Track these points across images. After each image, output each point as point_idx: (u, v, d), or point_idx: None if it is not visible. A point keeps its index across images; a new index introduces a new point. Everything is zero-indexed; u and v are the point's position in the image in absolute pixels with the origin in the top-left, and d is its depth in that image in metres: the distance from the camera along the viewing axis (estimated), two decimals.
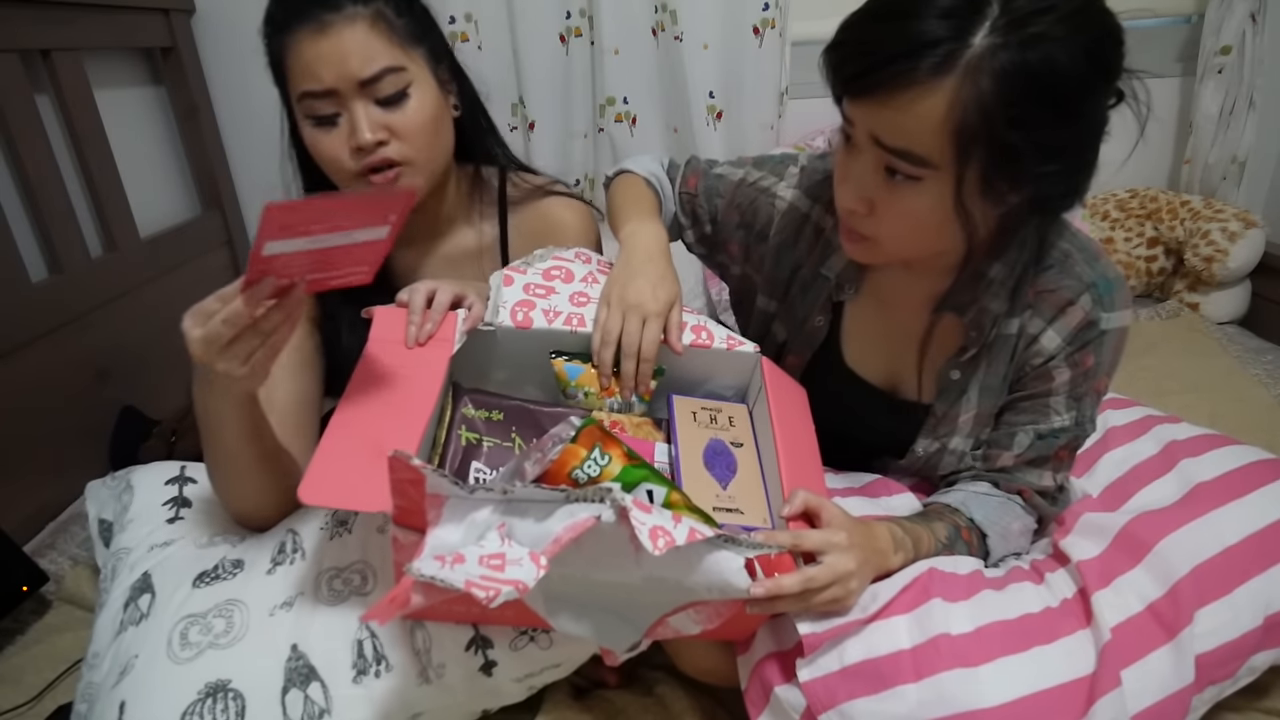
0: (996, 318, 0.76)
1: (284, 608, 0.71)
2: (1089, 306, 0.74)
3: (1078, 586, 0.71)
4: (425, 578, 0.48)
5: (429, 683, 0.69)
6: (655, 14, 1.71)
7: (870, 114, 0.62)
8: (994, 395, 0.80)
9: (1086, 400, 0.77)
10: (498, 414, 0.75)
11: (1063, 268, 0.75)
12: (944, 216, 0.64)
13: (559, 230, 0.97)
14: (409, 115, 0.81)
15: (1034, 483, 0.80)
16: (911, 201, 0.64)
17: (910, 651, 0.64)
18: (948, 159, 0.60)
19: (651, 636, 0.61)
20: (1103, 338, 0.75)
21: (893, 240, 0.69)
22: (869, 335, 0.87)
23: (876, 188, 0.66)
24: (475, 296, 0.79)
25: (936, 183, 0.62)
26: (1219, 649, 0.68)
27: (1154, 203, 1.75)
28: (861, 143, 0.65)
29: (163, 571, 0.77)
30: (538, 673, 0.72)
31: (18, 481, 1.13)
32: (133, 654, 0.69)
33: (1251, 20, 1.62)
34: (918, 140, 0.60)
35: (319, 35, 0.77)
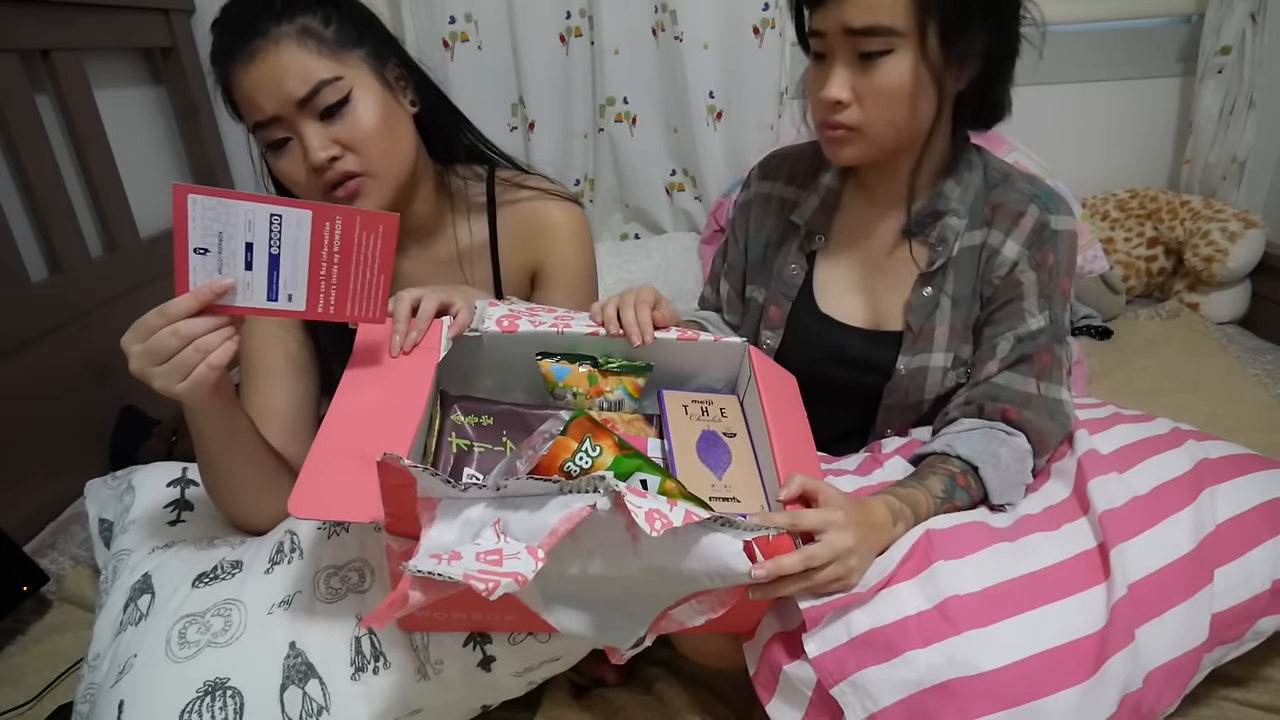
0: (958, 232, 0.85)
1: (282, 606, 0.71)
2: (1038, 213, 0.82)
3: (1098, 541, 0.71)
4: (423, 573, 0.48)
5: (427, 679, 0.69)
6: (655, 14, 1.71)
7: (836, 9, 0.73)
8: (965, 307, 0.86)
9: (1055, 300, 0.83)
10: (487, 419, 0.74)
11: (1006, 184, 0.85)
12: (918, 83, 0.74)
13: (549, 231, 0.96)
14: (356, 124, 0.79)
15: (1016, 388, 0.82)
16: (889, 73, 0.74)
17: (916, 617, 0.64)
18: (911, 23, 0.72)
19: (655, 631, 0.61)
20: (1056, 237, 0.82)
21: (877, 122, 0.77)
22: (844, 281, 0.93)
23: (855, 76, 0.75)
24: (462, 302, 0.78)
25: (906, 50, 0.73)
26: (1232, 610, 0.70)
27: (1154, 203, 1.75)
28: (834, 44, 0.75)
29: (163, 572, 0.77)
30: (536, 667, 0.72)
31: (18, 481, 1.13)
32: (131, 653, 0.69)
33: (1251, 20, 1.62)
34: (883, 12, 0.71)
35: (250, 64, 0.77)
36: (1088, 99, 1.80)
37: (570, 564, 0.56)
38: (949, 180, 0.85)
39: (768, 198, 0.97)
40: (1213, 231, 1.62)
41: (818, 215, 0.93)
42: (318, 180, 0.80)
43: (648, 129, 1.82)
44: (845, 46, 0.74)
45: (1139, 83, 1.80)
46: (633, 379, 0.80)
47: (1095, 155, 1.85)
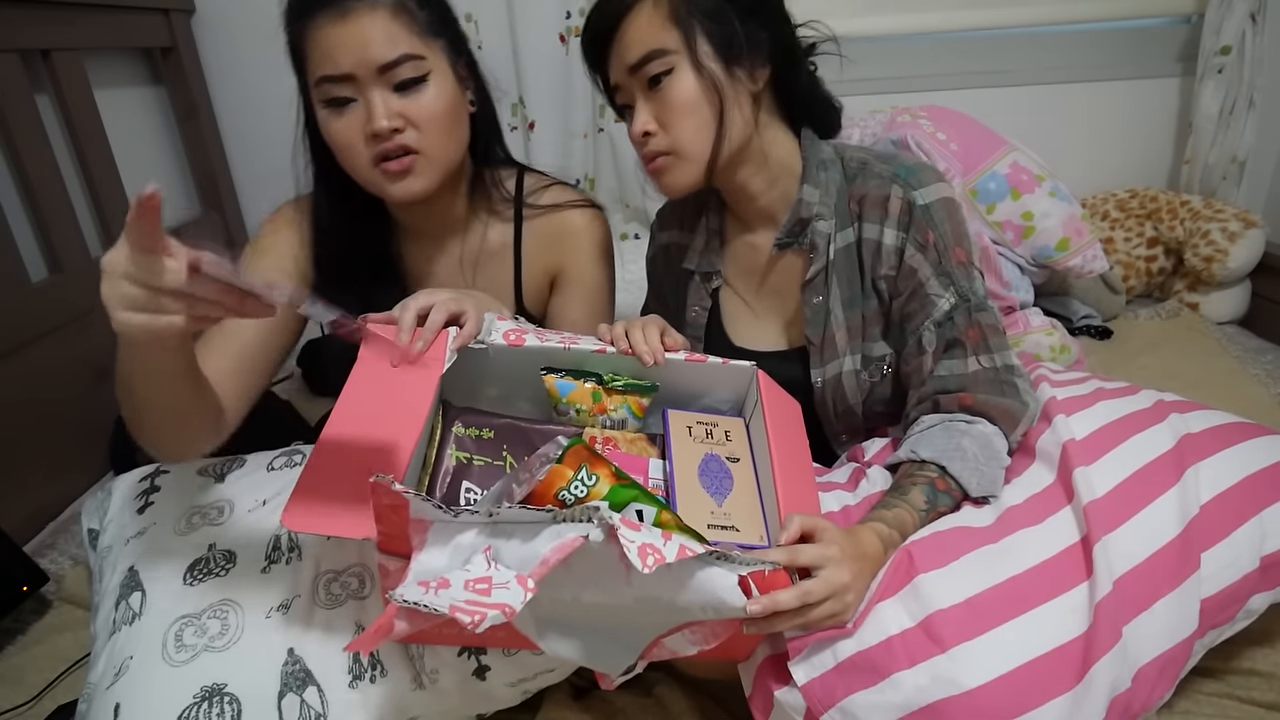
0: (828, 235, 0.85)
1: (280, 610, 0.71)
2: (901, 193, 0.81)
3: (1082, 533, 0.70)
4: (409, 603, 0.48)
5: (423, 688, 0.69)
6: None
7: (616, 57, 0.80)
8: (858, 306, 0.86)
9: (957, 273, 0.81)
10: (489, 432, 0.74)
11: (864, 173, 0.84)
12: (708, 89, 0.78)
13: (572, 236, 0.97)
14: (426, 104, 0.81)
15: (959, 372, 0.80)
16: (678, 89, 0.77)
17: (900, 636, 0.64)
18: (678, 39, 0.77)
19: (647, 658, 0.61)
20: (928, 211, 0.80)
21: (686, 137, 0.79)
22: (747, 311, 0.95)
23: (652, 105, 0.79)
24: (472, 310, 0.77)
25: (684, 63, 0.77)
26: (1220, 592, 0.69)
27: (1154, 203, 1.75)
28: (628, 87, 0.80)
29: (149, 566, 0.76)
30: (531, 678, 0.72)
31: (18, 481, 1.13)
32: (127, 655, 0.69)
33: (1251, 20, 1.62)
34: (650, 38, 0.77)
35: (340, 21, 0.77)
36: (1088, 99, 1.80)
37: (562, 591, 0.56)
38: (805, 185, 0.85)
39: (667, 247, 1.01)
40: (1213, 231, 1.62)
41: (707, 255, 0.95)
42: (373, 147, 0.80)
43: None
44: (635, 84, 0.79)
45: (1139, 83, 1.80)
46: (638, 398, 0.79)
47: (1095, 155, 1.85)
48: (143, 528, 0.81)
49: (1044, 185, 1.56)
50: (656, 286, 1.05)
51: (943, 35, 1.82)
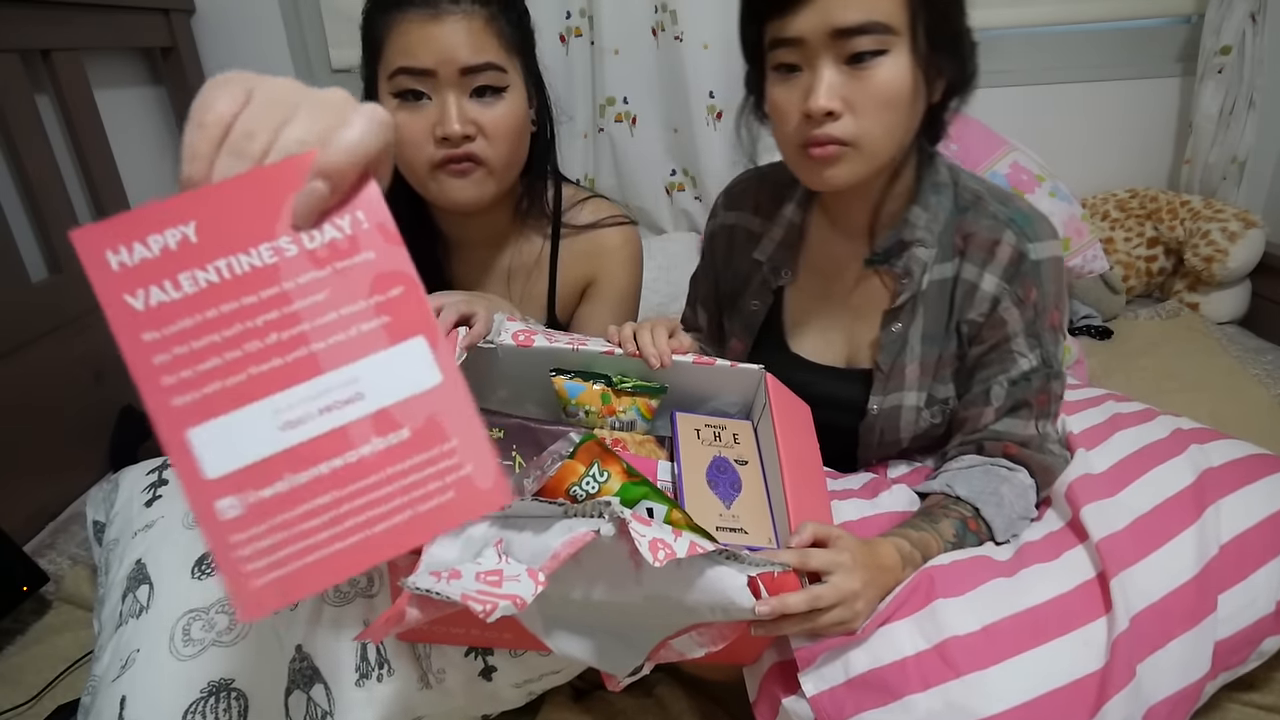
0: (927, 263, 0.79)
1: (289, 606, 0.70)
2: (1014, 241, 0.76)
3: (1097, 570, 0.69)
4: (421, 590, 0.48)
5: (429, 688, 0.69)
6: (655, 14, 1.71)
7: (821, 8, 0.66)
8: (938, 344, 0.81)
9: (1046, 336, 0.78)
10: (498, 432, 0.74)
11: (977, 209, 0.78)
12: (912, 88, 0.69)
13: (607, 252, 0.99)
14: (499, 115, 0.82)
15: (1017, 433, 0.80)
16: (883, 76, 0.68)
17: (915, 658, 0.63)
18: (904, 19, 0.67)
19: (654, 660, 0.60)
20: (1037, 268, 0.76)
21: (873, 132, 0.70)
22: (811, 317, 0.89)
23: (844, 84, 0.68)
24: (482, 311, 0.77)
25: (899, 50, 0.67)
26: (1235, 635, 0.68)
27: (1154, 203, 1.75)
28: (816, 50, 0.68)
29: (156, 559, 0.76)
30: (537, 679, 0.72)
31: (18, 481, 1.13)
32: (134, 648, 0.69)
33: (1251, 20, 1.62)
34: (877, 7, 0.66)
35: (432, 21, 0.77)
36: (1088, 99, 1.80)
37: (572, 588, 0.55)
38: (915, 206, 0.79)
39: (733, 229, 0.94)
40: (1213, 231, 1.62)
41: (781, 250, 0.88)
42: (439, 149, 0.80)
43: (648, 129, 1.82)
44: (831, 51, 0.68)
45: (1139, 83, 1.80)
46: (646, 400, 0.79)
47: (1095, 155, 1.85)
48: (151, 521, 0.80)
49: (1044, 185, 1.56)
50: (709, 265, 0.98)
51: None
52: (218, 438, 0.32)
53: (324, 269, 0.34)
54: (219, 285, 0.33)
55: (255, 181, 0.34)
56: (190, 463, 0.32)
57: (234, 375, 0.33)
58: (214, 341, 0.33)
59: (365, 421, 0.34)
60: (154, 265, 0.33)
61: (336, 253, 0.34)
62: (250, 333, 0.33)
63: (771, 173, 0.90)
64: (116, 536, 0.82)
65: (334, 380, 0.34)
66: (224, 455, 0.32)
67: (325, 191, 0.34)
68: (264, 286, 0.33)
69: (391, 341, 0.34)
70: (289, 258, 0.34)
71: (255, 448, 0.33)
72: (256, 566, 0.32)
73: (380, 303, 0.34)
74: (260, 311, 0.33)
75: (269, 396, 0.33)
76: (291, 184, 0.34)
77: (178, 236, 0.33)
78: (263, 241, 0.34)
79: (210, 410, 0.32)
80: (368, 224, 0.35)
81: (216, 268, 0.33)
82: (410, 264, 0.35)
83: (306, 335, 0.34)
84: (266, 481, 0.33)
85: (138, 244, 0.33)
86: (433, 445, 0.34)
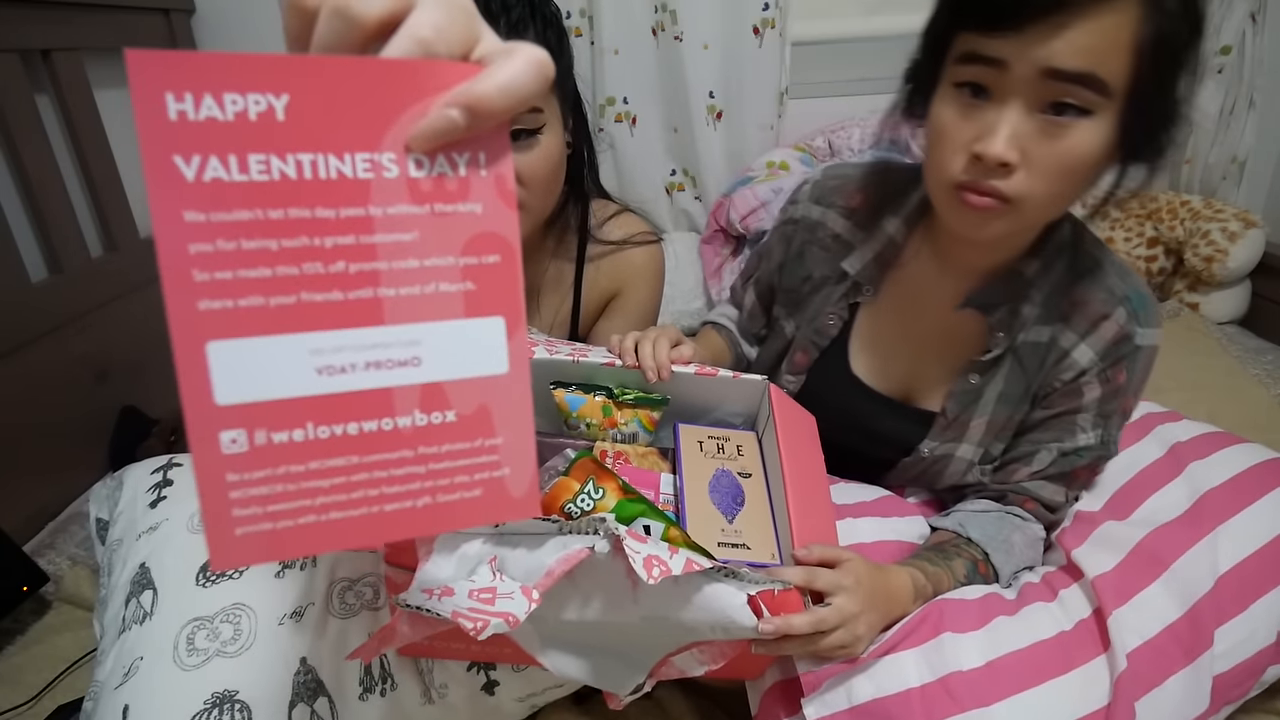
0: (1026, 322, 0.73)
1: (293, 618, 0.70)
2: (1124, 320, 0.71)
3: (1093, 606, 0.69)
4: (411, 608, 0.47)
5: (432, 703, 0.69)
6: (655, 14, 1.71)
7: (1039, 41, 0.55)
8: (1011, 406, 0.76)
9: (1113, 420, 0.74)
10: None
11: (1095, 278, 0.72)
12: (1102, 161, 0.60)
13: (631, 269, 0.99)
14: (535, 160, 0.78)
15: (1046, 497, 0.78)
16: (1078, 140, 0.57)
17: (920, 690, 0.62)
18: (1123, 83, 0.56)
19: (656, 677, 0.59)
20: (1136, 354, 0.72)
21: (1040, 198, 0.61)
22: (882, 342, 0.83)
23: (1030, 135, 0.58)
24: None
25: (1105, 117, 0.57)
26: (1235, 668, 0.66)
27: (1154, 203, 1.75)
28: (1013, 85, 0.57)
29: (161, 564, 0.76)
30: (540, 692, 0.72)
31: (18, 481, 1.13)
32: (137, 655, 0.69)
33: (1251, 20, 1.62)
34: (1103, 61, 0.55)
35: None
36: None
37: (567, 607, 0.55)
38: (1034, 260, 0.71)
39: (816, 226, 0.84)
40: (1213, 231, 1.62)
41: (872, 267, 0.80)
42: None
43: (648, 129, 1.82)
44: (1031, 90, 0.57)
45: None
46: (648, 412, 0.78)
47: None
48: (155, 523, 0.80)
49: None
50: (779, 253, 0.89)
51: None
52: (242, 360, 0.27)
53: (422, 206, 0.29)
54: (295, 184, 0.27)
55: (377, 71, 0.27)
56: (202, 380, 0.27)
57: (281, 295, 0.27)
58: (269, 248, 0.27)
59: (413, 390, 0.30)
60: (223, 131, 0.26)
61: (442, 192, 0.29)
62: (314, 252, 0.28)
63: (875, 176, 0.82)
64: (120, 537, 0.81)
65: (394, 335, 0.29)
66: (243, 382, 0.27)
67: (462, 125, 0.28)
68: (348, 203, 0.28)
69: (468, 313, 0.30)
70: (387, 179, 0.28)
71: (282, 384, 0.28)
72: (244, 513, 0.28)
73: (470, 266, 0.30)
74: (334, 231, 0.28)
75: (315, 332, 0.28)
76: (423, 91, 0.28)
77: (262, 107, 0.26)
78: (363, 150, 0.28)
79: (241, 326, 0.27)
80: (486, 172, 0.30)
81: (299, 161, 0.27)
82: (516, 234, 0.30)
83: (378, 275, 0.28)
84: (284, 425, 0.28)
85: (210, 97, 0.26)
86: (477, 436, 0.31)
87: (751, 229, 1.61)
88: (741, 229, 1.63)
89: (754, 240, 1.62)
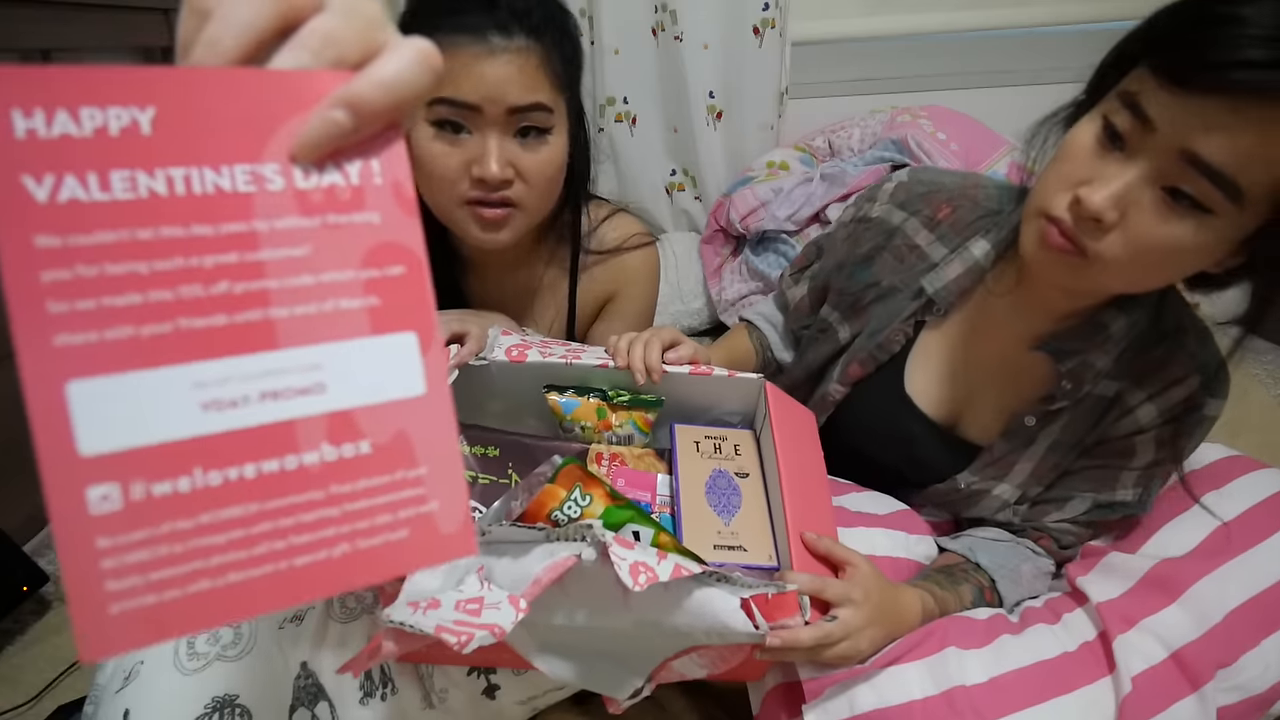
0: (1097, 375, 0.70)
1: (294, 622, 0.70)
2: (1196, 388, 0.68)
3: (1098, 630, 0.68)
4: (395, 624, 0.47)
5: (432, 707, 0.69)
6: (655, 14, 1.71)
7: (1205, 117, 0.48)
8: (1062, 454, 0.75)
9: (1156, 481, 0.73)
10: (494, 450, 0.73)
11: (1176, 341, 0.69)
12: (1204, 257, 0.55)
13: (627, 272, 0.98)
14: (541, 160, 0.78)
15: (1067, 539, 0.77)
16: (1185, 232, 0.52)
17: (922, 703, 0.62)
18: (1263, 198, 0.49)
19: (656, 681, 0.59)
20: (1201, 424, 0.69)
21: (1124, 268, 0.56)
22: (942, 365, 0.80)
23: (1142, 204, 0.53)
24: (475, 329, 0.77)
25: (1229, 219, 0.51)
26: (1243, 703, 0.65)
27: None
28: (1151, 149, 0.52)
29: None
30: (540, 695, 0.72)
31: (18, 481, 1.13)
32: (137, 659, 0.68)
33: None
34: (1248, 168, 0.48)
35: (485, 57, 0.72)
36: None
37: (557, 613, 0.54)
38: (1118, 312, 0.68)
39: (895, 232, 0.79)
40: None
41: (951, 287, 0.76)
42: (475, 188, 0.76)
43: (648, 129, 1.82)
44: (1162, 164, 0.52)
45: None
46: (643, 413, 0.77)
47: None
48: None
49: None
50: (845, 249, 0.84)
51: (943, 35, 1.82)
52: (110, 400, 0.23)
53: (313, 218, 0.26)
54: (167, 200, 0.24)
55: (252, 82, 0.25)
56: (61, 427, 0.24)
57: (155, 323, 0.23)
58: (138, 272, 0.23)
59: (319, 421, 0.25)
60: (81, 148, 0.23)
61: (335, 203, 0.26)
62: (192, 273, 0.24)
63: (971, 191, 0.77)
64: None
65: (291, 360, 0.25)
66: (113, 427, 0.23)
67: (348, 127, 0.26)
68: (228, 218, 0.25)
69: (375, 330, 0.27)
70: (270, 191, 0.25)
71: (161, 425, 0.23)
72: (120, 586, 0.23)
73: (373, 279, 0.27)
74: (215, 249, 0.24)
75: (196, 362, 0.24)
76: (303, 100, 0.26)
77: (125, 121, 0.23)
78: (242, 161, 0.25)
79: (108, 361, 0.23)
80: (381, 179, 0.27)
81: (169, 176, 0.24)
82: (421, 243, 0.28)
83: (268, 295, 0.25)
84: (166, 473, 0.23)
85: (64, 113, 0.23)
86: (396, 468, 0.27)
87: (751, 229, 1.61)
88: (741, 229, 1.63)
89: (754, 240, 1.62)
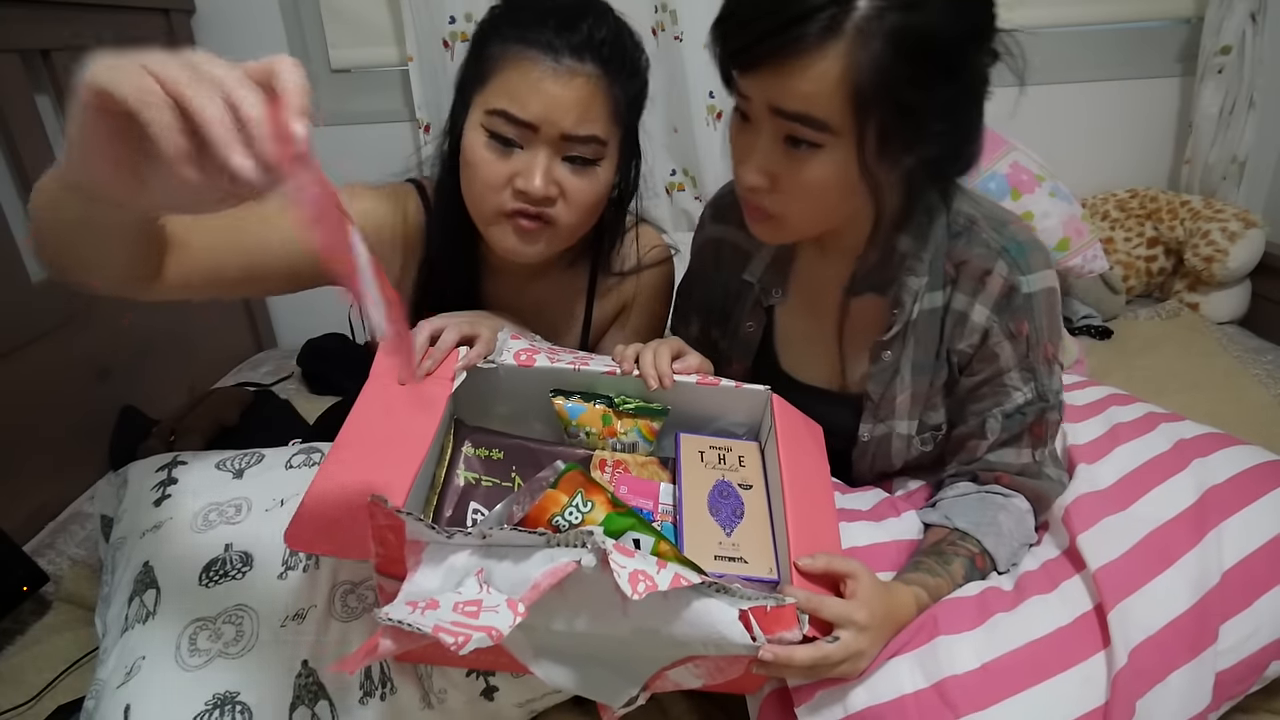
0: (918, 292, 0.76)
1: (295, 620, 0.70)
2: (1006, 273, 0.73)
3: (1094, 601, 0.69)
4: (393, 622, 0.47)
5: (431, 707, 0.69)
6: (655, 14, 1.71)
7: (766, 83, 0.62)
8: (927, 373, 0.79)
9: (1040, 370, 0.76)
10: (498, 453, 0.73)
11: (970, 235, 0.75)
12: (847, 184, 0.65)
13: (642, 283, 0.99)
14: (585, 187, 0.78)
15: (1012, 462, 0.79)
16: (815, 170, 0.64)
17: (914, 696, 0.62)
18: (848, 122, 0.61)
19: (651, 689, 0.59)
20: (1029, 301, 0.73)
21: (798, 215, 0.69)
22: (804, 338, 0.87)
23: (778, 161, 0.66)
24: (486, 332, 0.77)
25: (837, 148, 0.63)
26: (1238, 664, 0.66)
27: (1154, 203, 1.75)
28: (759, 116, 0.65)
29: (164, 563, 0.75)
30: (539, 698, 0.72)
31: (18, 481, 1.13)
32: (139, 654, 0.68)
33: (1251, 20, 1.62)
34: (816, 103, 0.60)
35: (552, 76, 0.73)
36: (1088, 99, 1.80)
37: (555, 618, 0.54)
38: (904, 234, 0.75)
39: (720, 243, 0.90)
40: (1213, 231, 1.62)
41: (771, 271, 0.85)
42: (517, 199, 0.77)
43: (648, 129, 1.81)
44: (771, 124, 0.64)
45: (1139, 83, 1.80)
46: (648, 421, 0.77)
47: (1095, 155, 1.85)
48: (159, 521, 0.80)
49: (1044, 185, 1.56)
50: (700, 277, 0.96)
51: None
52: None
53: None
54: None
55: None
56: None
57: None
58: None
59: None
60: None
61: None
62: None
63: None
64: (124, 535, 0.81)
65: None
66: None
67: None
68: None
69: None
70: None
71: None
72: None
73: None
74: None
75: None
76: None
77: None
78: None
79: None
80: None
81: None
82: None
83: None
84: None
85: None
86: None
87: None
88: None
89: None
